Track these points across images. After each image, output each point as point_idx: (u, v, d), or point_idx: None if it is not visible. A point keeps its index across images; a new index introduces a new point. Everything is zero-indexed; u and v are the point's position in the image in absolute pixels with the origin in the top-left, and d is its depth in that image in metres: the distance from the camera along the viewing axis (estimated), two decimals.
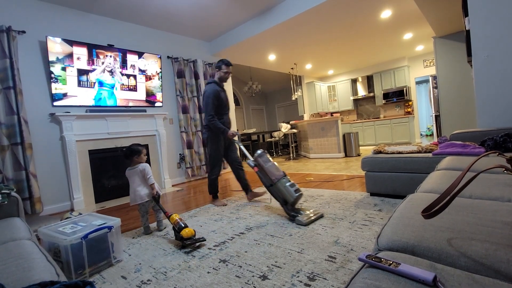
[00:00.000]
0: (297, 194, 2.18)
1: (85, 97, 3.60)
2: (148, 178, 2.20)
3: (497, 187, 1.11)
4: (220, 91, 2.81)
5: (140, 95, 4.15)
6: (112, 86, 3.86)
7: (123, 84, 3.94)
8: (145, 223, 2.23)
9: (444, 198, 0.69)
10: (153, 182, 2.21)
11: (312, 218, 2.11)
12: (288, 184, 2.23)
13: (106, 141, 3.84)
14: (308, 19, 4.24)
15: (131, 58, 4.03)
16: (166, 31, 4.74)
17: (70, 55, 3.44)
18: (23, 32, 3.18)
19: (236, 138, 2.83)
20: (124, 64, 3.94)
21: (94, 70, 3.66)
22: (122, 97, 3.96)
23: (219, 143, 2.86)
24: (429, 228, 0.76)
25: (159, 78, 4.26)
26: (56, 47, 3.33)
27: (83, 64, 3.54)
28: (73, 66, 3.45)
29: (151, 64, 4.15)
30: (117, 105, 3.92)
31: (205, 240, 1.91)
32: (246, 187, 2.97)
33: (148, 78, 4.16)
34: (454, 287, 0.50)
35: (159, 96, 4.38)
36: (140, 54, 4.04)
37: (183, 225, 1.89)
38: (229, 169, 5.62)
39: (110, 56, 3.78)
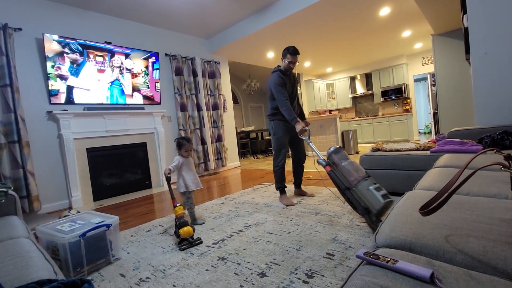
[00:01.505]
0: (385, 201, 1.68)
1: (83, 95, 3.58)
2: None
3: (494, 184, 1.11)
4: (284, 79, 2.61)
5: (127, 90, 4.10)
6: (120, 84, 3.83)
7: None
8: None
9: (442, 196, 0.69)
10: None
11: None
12: (372, 187, 1.77)
13: (104, 139, 3.83)
14: (306, 16, 4.22)
15: (119, 58, 3.98)
16: (164, 29, 4.71)
17: (61, 54, 3.39)
18: (20, 29, 3.15)
19: (306, 134, 2.48)
20: (112, 63, 3.89)
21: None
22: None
23: (283, 131, 2.63)
24: (426, 225, 0.76)
25: (142, 76, 4.23)
26: (52, 45, 3.30)
27: (70, 62, 3.46)
28: (64, 65, 3.40)
29: (137, 63, 4.14)
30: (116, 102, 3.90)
31: (202, 242, 1.87)
32: (298, 183, 2.83)
33: (134, 75, 4.14)
34: (451, 284, 0.51)
35: (143, 91, 4.29)
36: (127, 55, 4.02)
37: (183, 222, 1.88)
38: (228, 167, 5.62)
39: (100, 56, 3.74)
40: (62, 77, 3.40)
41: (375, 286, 0.53)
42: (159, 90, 4.44)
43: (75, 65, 3.51)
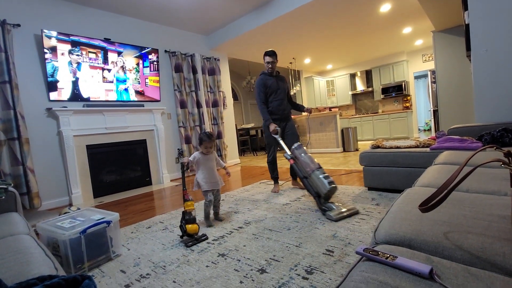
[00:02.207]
0: (330, 186, 2.07)
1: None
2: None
3: (494, 181, 1.11)
4: (267, 79, 2.93)
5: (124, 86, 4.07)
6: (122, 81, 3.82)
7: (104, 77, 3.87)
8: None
9: (441, 192, 0.69)
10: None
11: (344, 214, 1.98)
12: (322, 176, 2.15)
13: (104, 136, 3.82)
14: (307, 12, 4.20)
15: (112, 56, 3.94)
16: (163, 25, 4.69)
17: (60, 50, 3.37)
18: (18, 25, 3.13)
19: (276, 134, 2.80)
20: (105, 60, 3.85)
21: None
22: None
23: (269, 129, 2.90)
24: (426, 221, 0.76)
25: (134, 73, 4.19)
26: (51, 41, 3.28)
27: (66, 60, 3.44)
28: (57, 61, 3.36)
29: (129, 60, 4.11)
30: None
31: (207, 238, 1.88)
32: (293, 176, 3.15)
33: (126, 71, 4.10)
34: (450, 280, 0.51)
35: (134, 86, 4.22)
36: (119, 53, 3.98)
37: (191, 218, 1.86)
38: (228, 164, 5.63)
39: (93, 53, 3.71)
40: (62, 74, 3.39)
41: (374, 282, 0.53)
42: (148, 86, 4.36)
43: (74, 62, 3.49)
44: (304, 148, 2.45)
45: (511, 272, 0.55)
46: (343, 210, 2.02)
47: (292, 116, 3.39)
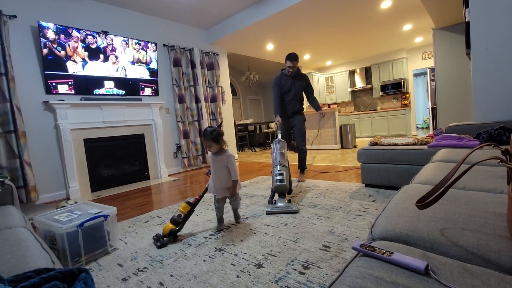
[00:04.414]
0: (275, 184, 2.25)
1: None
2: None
3: (490, 179, 1.12)
4: (282, 79, 3.23)
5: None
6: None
7: None
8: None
9: (438, 190, 0.70)
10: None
11: (279, 210, 2.13)
12: (277, 172, 2.32)
13: (101, 130, 3.80)
14: (307, 8, 4.17)
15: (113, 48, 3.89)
16: (162, 18, 4.63)
17: (57, 43, 3.34)
18: (14, 16, 3.09)
19: (276, 125, 3.28)
20: (104, 55, 3.80)
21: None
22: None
23: (282, 124, 3.25)
24: (422, 218, 0.76)
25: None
26: (48, 33, 3.24)
27: (63, 52, 3.40)
28: (54, 53, 3.32)
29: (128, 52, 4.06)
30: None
31: (171, 241, 1.77)
32: (301, 168, 3.34)
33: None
34: (446, 276, 0.51)
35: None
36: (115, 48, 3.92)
37: (173, 218, 1.80)
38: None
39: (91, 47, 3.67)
40: (59, 67, 3.35)
41: (370, 277, 0.53)
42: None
43: (72, 54, 3.45)
44: (281, 145, 2.65)
45: (506, 269, 0.55)
46: (280, 207, 2.16)
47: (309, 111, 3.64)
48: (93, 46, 3.65)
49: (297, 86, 3.21)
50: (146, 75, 4.25)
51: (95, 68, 3.67)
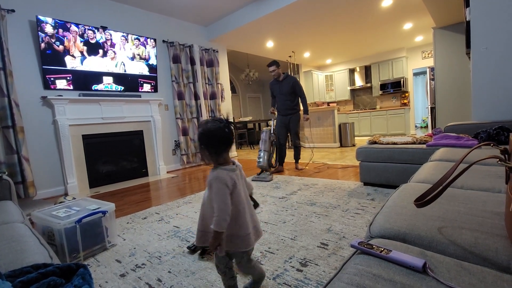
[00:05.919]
0: (257, 165, 3.40)
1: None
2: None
3: (488, 179, 1.12)
4: (273, 84, 3.76)
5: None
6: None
7: None
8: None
9: (437, 188, 0.70)
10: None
11: (258, 178, 3.24)
12: (260, 154, 3.46)
13: (100, 126, 3.79)
14: (307, 5, 4.15)
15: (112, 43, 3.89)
16: (162, 14, 4.60)
17: (56, 37, 3.32)
18: (12, 11, 3.06)
19: (272, 121, 3.91)
20: (103, 50, 3.79)
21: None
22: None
23: (278, 123, 3.77)
24: (420, 217, 0.77)
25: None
26: (46, 28, 3.21)
27: (61, 47, 3.40)
28: (52, 48, 3.31)
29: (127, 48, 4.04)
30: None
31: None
32: (296, 159, 3.88)
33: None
34: (443, 274, 0.52)
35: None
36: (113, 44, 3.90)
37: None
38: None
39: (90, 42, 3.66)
40: (57, 61, 3.33)
41: (368, 275, 0.54)
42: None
43: (70, 49, 3.43)
44: (267, 135, 3.51)
45: (503, 267, 0.56)
46: (258, 177, 3.29)
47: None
48: (92, 41, 3.63)
49: (283, 89, 3.64)
50: (145, 71, 4.23)
51: (93, 63, 3.65)
